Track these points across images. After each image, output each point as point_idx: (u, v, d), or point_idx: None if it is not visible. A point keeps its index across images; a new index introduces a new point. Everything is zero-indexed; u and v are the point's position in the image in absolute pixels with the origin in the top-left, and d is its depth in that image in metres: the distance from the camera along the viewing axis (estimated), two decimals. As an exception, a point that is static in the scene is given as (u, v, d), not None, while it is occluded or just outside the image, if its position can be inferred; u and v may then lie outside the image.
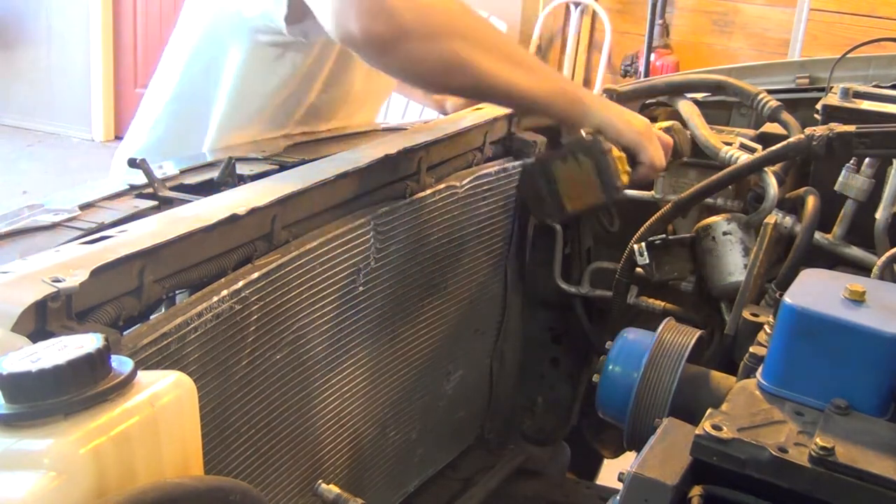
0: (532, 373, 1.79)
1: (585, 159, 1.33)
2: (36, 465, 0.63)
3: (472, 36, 1.24)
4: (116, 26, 5.98)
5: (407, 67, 1.25)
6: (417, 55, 1.20)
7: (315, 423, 1.27)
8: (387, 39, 1.18)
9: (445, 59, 1.22)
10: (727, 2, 4.88)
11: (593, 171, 1.34)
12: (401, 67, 1.26)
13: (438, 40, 1.21)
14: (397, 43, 1.18)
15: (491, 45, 1.25)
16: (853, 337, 0.89)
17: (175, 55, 1.60)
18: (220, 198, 1.12)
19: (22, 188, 5.16)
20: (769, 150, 1.48)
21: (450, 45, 1.21)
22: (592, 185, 1.35)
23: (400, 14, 1.17)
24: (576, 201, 1.39)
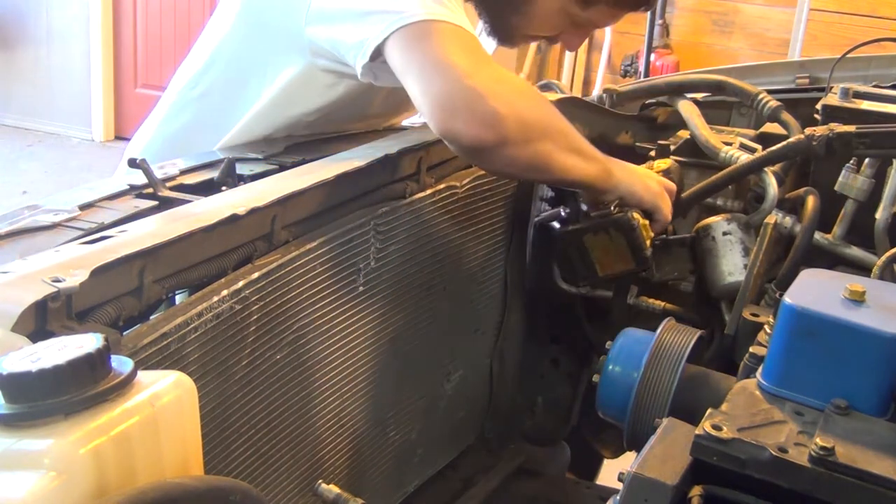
0: (532, 373, 1.79)
1: (617, 234, 1.42)
2: (36, 465, 0.63)
3: (555, 136, 1.32)
4: (116, 26, 5.98)
5: (500, 169, 1.36)
6: (512, 158, 1.27)
7: (315, 423, 1.27)
8: (489, 146, 1.24)
9: (533, 160, 1.30)
10: (727, 2, 4.88)
11: (624, 244, 1.43)
12: (494, 168, 1.36)
13: (531, 144, 1.28)
14: (498, 148, 1.25)
15: (566, 140, 1.34)
16: (853, 337, 0.89)
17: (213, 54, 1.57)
18: (220, 198, 1.12)
19: (22, 188, 5.16)
20: (769, 150, 1.48)
21: (539, 147, 1.29)
22: (624, 256, 1.44)
23: (505, 123, 1.23)
24: (608, 268, 1.47)
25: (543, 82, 1.78)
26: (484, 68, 1.26)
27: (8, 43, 6.13)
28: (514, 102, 1.25)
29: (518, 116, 1.25)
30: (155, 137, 1.62)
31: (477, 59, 1.27)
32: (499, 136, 1.23)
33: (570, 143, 1.35)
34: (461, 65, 1.23)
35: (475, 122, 1.22)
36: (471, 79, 1.22)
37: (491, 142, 1.23)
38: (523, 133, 1.26)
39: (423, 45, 1.26)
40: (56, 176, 5.46)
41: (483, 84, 1.23)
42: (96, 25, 5.90)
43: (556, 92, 1.72)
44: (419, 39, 1.27)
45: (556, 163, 1.32)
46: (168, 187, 1.21)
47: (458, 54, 1.25)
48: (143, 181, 1.19)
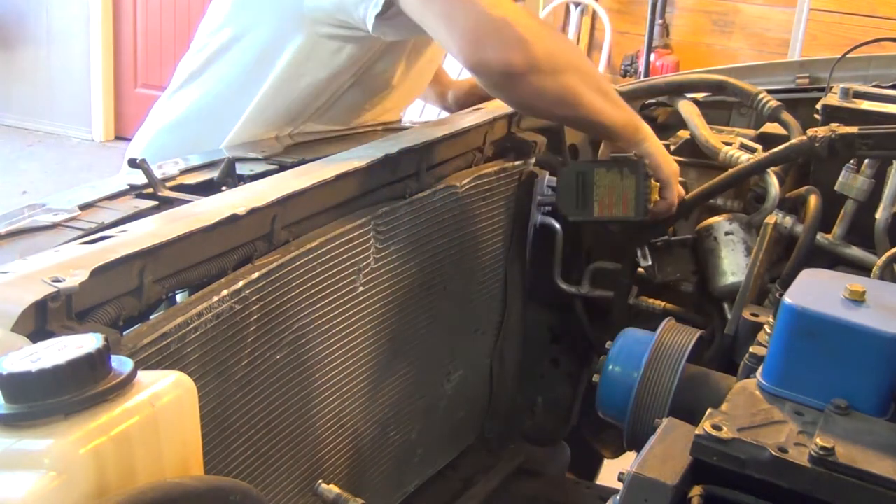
0: (532, 373, 1.79)
1: (630, 175, 1.43)
2: (36, 465, 0.63)
3: (582, 71, 1.35)
4: (116, 26, 5.97)
5: (529, 99, 1.34)
6: (541, 87, 1.30)
7: (315, 423, 1.27)
8: (520, 71, 1.26)
9: (562, 92, 1.32)
10: (727, 2, 4.88)
11: (632, 188, 1.44)
12: (523, 98, 1.35)
13: (561, 74, 1.31)
14: (527, 74, 1.27)
15: (593, 79, 1.36)
16: (853, 337, 0.89)
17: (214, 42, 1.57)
18: (220, 198, 1.12)
19: (22, 188, 5.16)
20: (772, 151, 1.48)
21: (567, 80, 1.32)
22: (627, 200, 1.45)
23: (534, 48, 1.26)
24: (605, 208, 1.47)
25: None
26: (507, 2, 1.29)
27: (8, 43, 6.12)
28: (539, 33, 1.29)
29: (545, 45, 1.29)
30: (161, 131, 1.62)
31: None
32: (528, 60, 1.26)
33: (599, 84, 1.37)
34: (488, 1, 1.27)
35: (504, 47, 1.25)
36: (496, 9, 1.26)
37: (521, 66, 1.26)
38: (551, 62, 1.29)
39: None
40: (56, 176, 5.46)
41: (509, 13, 1.27)
42: (96, 25, 5.90)
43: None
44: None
45: (584, 99, 1.34)
46: (168, 187, 1.21)
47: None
48: (143, 181, 1.19)
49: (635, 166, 1.43)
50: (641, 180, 1.43)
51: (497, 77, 1.29)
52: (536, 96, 1.32)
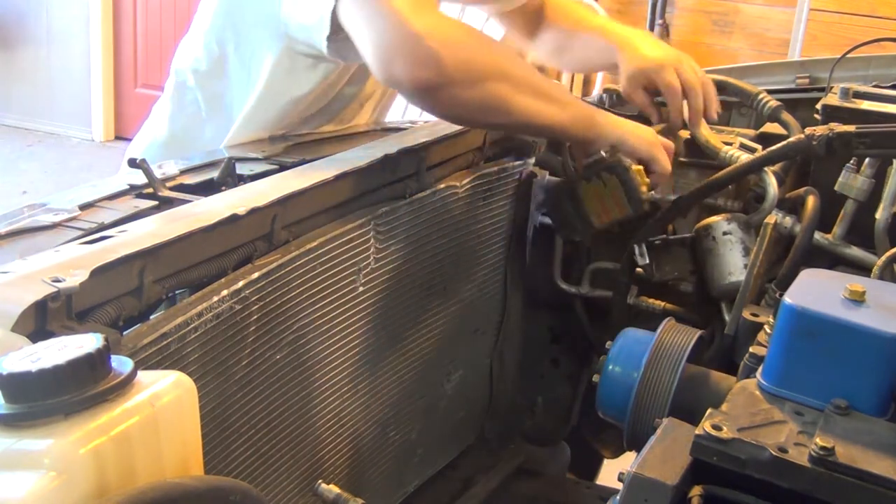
0: (532, 373, 1.79)
1: (610, 177, 1.41)
2: (36, 465, 0.63)
3: (509, 77, 1.30)
4: (116, 26, 5.97)
5: (449, 111, 1.31)
6: (460, 100, 1.26)
7: (315, 423, 1.27)
8: (431, 86, 1.23)
9: (485, 102, 1.28)
10: (727, 2, 4.87)
11: (618, 187, 1.41)
12: (443, 111, 1.32)
13: (479, 85, 1.26)
14: (441, 89, 1.24)
15: (524, 83, 1.32)
16: (853, 337, 0.89)
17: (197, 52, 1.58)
18: (220, 198, 1.12)
19: (22, 188, 5.16)
20: (769, 149, 1.48)
21: (489, 88, 1.27)
22: (619, 201, 1.43)
23: (445, 62, 1.22)
24: (602, 216, 1.46)
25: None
26: (425, 13, 1.24)
27: (8, 43, 6.12)
28: (454, 43, 1.24)
29: (460, 57, 1.24)
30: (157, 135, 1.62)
31: (419, 4, 1.25)
32: (438, 76, 1.22)
33: (534, 87, 1.33)
34: (401, 10, 1.23)
35: (412, 64, 1.21)
36: (409, 22, 1.22)
37: (430, 81, 1.22)
38: (467, 73, 1.25)
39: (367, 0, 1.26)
40: (56, 176, 5.46)
41: (421, 26, 1.22)
42: (96, 25, 5.90)
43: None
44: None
45: (515, 105, 1.30)
46: (168, 187, 1.21)
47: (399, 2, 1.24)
48: (143, 181, 1.20)
49: (612, 167, 1.41)
50: (623, 176, 1.41)
51: (409, 92, 1.26)
52: (458, 107, 1.28)
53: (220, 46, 1.54)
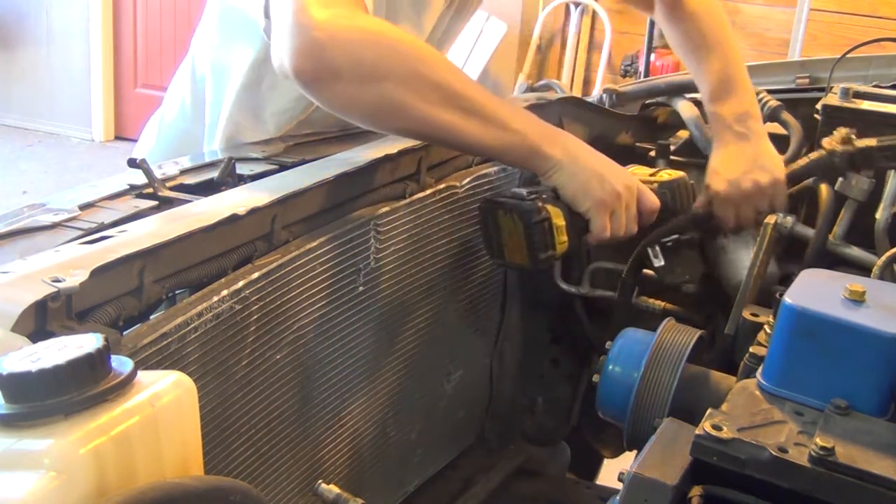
0: (532, 373, 1.79)
1: (519, 222, 1.29)
2: (36, 465, 0.63)
3: (413, 82, 1.19)
4: (116, 26, 5.98)
5: (340, 107, 1.21)
6: (349, 96, 1.17)
7: (315, 423, 1.27)
8: (316, 78, 1.15)
9: (378, 102, 1.18)
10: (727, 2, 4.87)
11: (522, 236, 1.30)
12: (333, 106, 1.21)
13: (371, 83, 1.17)
14: (327, 83, 1.16)
15: (436, 91, 1.19)
16: (853, 337, 0.89)
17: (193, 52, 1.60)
18: (220, 198, 1.12)
19: (22, 188, 5.16)
20: (790, 169, 1.49)
21: (383, 88, 1.17)
22: (521, 248, 1.31)
23: (329, 54, 1.14)
24: (511, 254, 1.34)
25: (543, 82, 1.78)
26: (333, 7, 1.16)
27: (8, 43, 6.13)
28: (347, 38, 1.15)
29: (348, 51, 1.15)
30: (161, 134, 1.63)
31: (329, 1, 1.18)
32: (324, 67, 1.14)
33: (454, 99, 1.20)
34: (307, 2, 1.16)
35: (296, 53, 1.14)
36: (307, 12, 1.15)
37: (316, 74, 1.15)
38: (356, 67, 1.15)
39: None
40: (56, 176, 5.46)
41: (319, 16, 1.14)
42: (96, 25, 5.90)
43: (557, 91, 1.72)
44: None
45: (416, 112, 1.18)
46: (168, 187, 1.21)
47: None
48: (143, 181, 1.20)
49: (523, 213, 1.28)
50: (529, 228, 1.28)
51: (298, 83, 1.17)
52: (347, 105, 1.19)
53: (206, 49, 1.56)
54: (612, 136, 1.77)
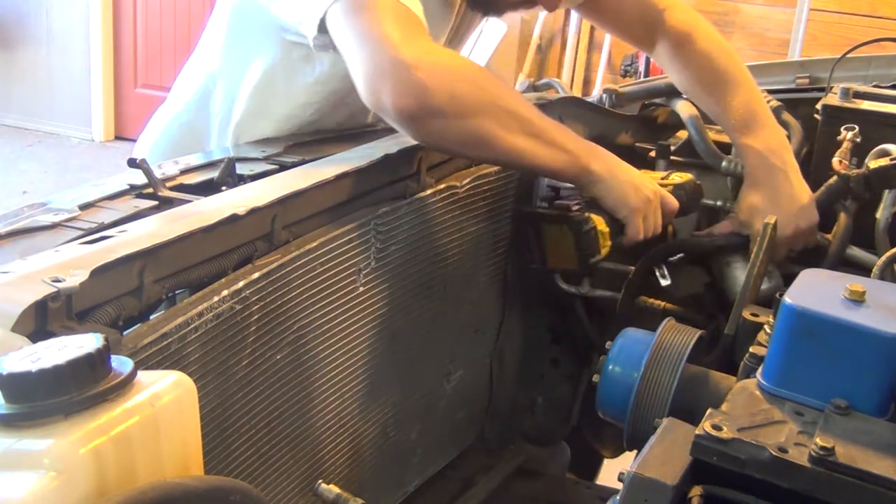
0: (532, 373, 1.79)
1: (569, 231, 1.40)
2: (36, 465, 0.63)
3: (497, 113, 1.28)
4: (116, 26, 5.98)
5: (434, 141, 1.30)
6: (444, 131, 1.26)
7: (315, 423, 1.27)
8: (416, 115, 1.23)
9: (470, 135, 1.27)
10: (727, 2, 4.88)
11: (572, 245, 1.41)
12: (428, 141, 1.31)
13: (465, 118, 1.26)
14: (426, 119, 1.24)
15: (513, 120, 1.30)
16: (853, 337, 0.89)
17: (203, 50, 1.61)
18: (220, 198, 1.12)
19: (22, 188, 5.16)
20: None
21: (475, 122, 1.26)
22: (570, 254, 1.42)
23: (431, 93, 1.22)
24: (555, 260, 1.46)
25: (544, 81, 1.78)
26: (416, 41, 1.25)
27: (8, 43, 6.12)
28: (443, 75, 1.24)
29: (447, 89, 1.23)
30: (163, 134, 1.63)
31: (411, 31, 1.26)
32: (423, 105, 1.22)
33: (527, 126, 1.31)
34: (392, 36, 1.23)
35: (399, 93, 1.21)
36: (399, 50, 1.22)
37: (416, 112, 1.22)
38: (454, 106, 1.24)
39: (357, 18, 1.26)
40: (56, 176, 5.46)
41: (412, 55, 1.22)
42: (96, 25, 5.90)
43: (557, 91, 1.72)
44: (355, 12, 1.27)
45: (502, 142, 1.29)
46: (168, 187, 1.21)
47: (391, 26, 1.24)
48: (143, 181, 1.19)
49: (572, 223, 1.40)
50: (579, 237, 1.40)
51: (394, 120, 1.26)
52: (443, 139, 1.28)
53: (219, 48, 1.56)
54: (612, 137, 1.77)
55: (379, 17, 1.25)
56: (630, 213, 1.40)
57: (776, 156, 1.51)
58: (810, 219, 1.49)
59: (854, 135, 1.50)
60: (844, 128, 1.53)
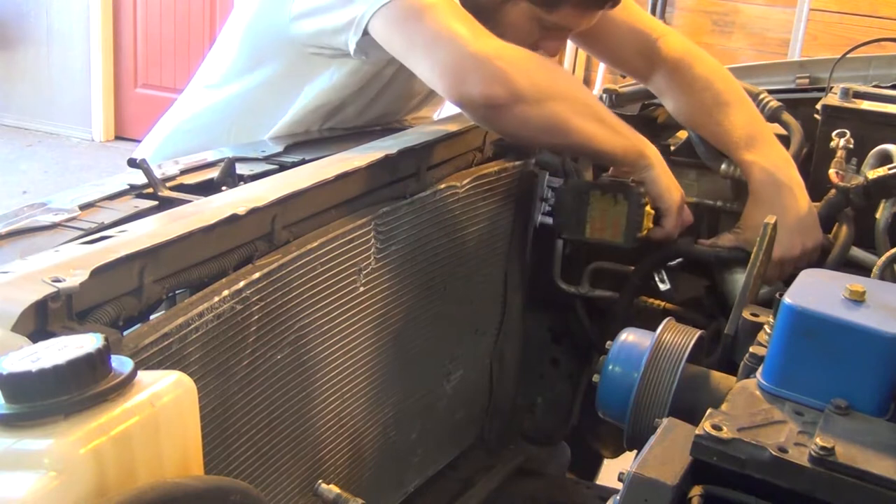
0: (532, 373, 1.79)
1: (623, 201, 1.44)
2: (36, 465, 0.63)
3: (572, 99, 1.36)
4: (116, 26, 5.97)
5: (516, 128, 1.35)
6: (527, 117, 1.31)
7: (315, 423, 1.27)
8: (503, 103, 1.29)
9: (549, 120, 1.33)
10: (727, 2, 4.87)
11: (623, 214, 1.44)
12: (510, 128, 1.36)
13: (546, 103, 1.32)
14: (511, 106, 1.29)
15: (585, 106, 1.37)
16: (853, 337, 0.89)
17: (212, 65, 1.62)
18: (220, 198, 1.12)
19: (22, 188, 5.16)
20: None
21: (553, 107, 1.33)
22: (617, 226, 1.46)
23: (515, 80, 1.28)
24: (596, 231, 1.48)
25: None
26: (485, 35, 1.31)
27: (8, 43, 6.12)
28: (521, 64, 1.31)
29: (528, 76, 1.30)
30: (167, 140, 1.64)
31: (475, 27, 1.32)
32: (510, 92, 1.28)
33: (593, 111, 1.38)
34: (463, 33, 1.29)
35: (486, 81, 1.27)
36: (475, 44, 1.28)
37: (503, 98, 1.28)
38: (536, 91, 1.31)
39: (420, 22, 1.31)
40: (56, 176, 5.46)
41: (489, 47, 1.29)
42: (96, 25, 5.90)
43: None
44: (416, 17, 1.31)
45: (573, 126, 1.35)
46: (168, 187, 1.21)
47: (458, 24, 1.30)
48: (143, 181, 1.19)
49: (629, 193, 1.44)
50: (633, 208, 1.44)
51: (481, 110, 1.31)
52: (521, 125, 1.33)
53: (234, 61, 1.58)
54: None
55: (442, 18, 1.30)
56: (672, 205, 1.46)
57: (782, 172, 1.51)
58: (816, 237, 1.50)
59: (846, 141, 1.49)
60: (836, 133, 1.52)
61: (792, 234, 1.46)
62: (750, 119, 1.58)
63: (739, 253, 1.51)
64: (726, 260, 1.52)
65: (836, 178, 1.47)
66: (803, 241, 1.48)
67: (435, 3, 1.32)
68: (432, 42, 1.30)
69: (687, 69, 1.63)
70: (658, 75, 1.66)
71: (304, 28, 1.44)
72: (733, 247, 1.52)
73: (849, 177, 1.49)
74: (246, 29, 1.55)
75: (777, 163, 1.52)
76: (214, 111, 1.59)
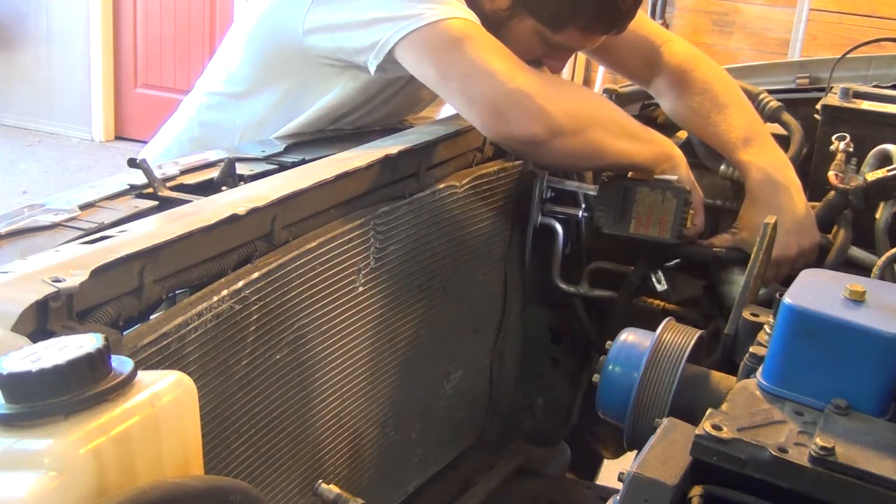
0: (532, 373, 1.79)
1: (671, 199, 1.47)
2: (36, 465, 0.63)
3: (605, 120, 1.40)
4: (116, 26, 5.97)
5: (556, 160, 1.42)
6: (566, 149, 1.36)
7: (315, 422, 1.27)
8: (543, 139, 1.32)
9: (586, 147, 1.38)
10: (727, 2, 4.87)
11: (672, 211, 1.47)
12: (550, 160, 1.45)
13: (582, 133, 1.37)
14: (551, 140, 1.33)
15: (617, 126, 1.41)
16: (853, 337, 0.89)
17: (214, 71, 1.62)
18: (220, 198, 1.12)
19: (22, 188, 5.16)
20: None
21: (590, 135, 1.37)
22: (664, 222, 1.48)
23: (554, 116, 1.32)
24: (642, 227, 1.50)
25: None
26: (522, 70, 1.33)
27: (8, 43, 6.12)
28: (557, 97, 1.34)
29: (565, 108, 1.33)
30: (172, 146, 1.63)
31: (512, 61, 1.34)
32: (550, 128, 1.31)
33: (623, 128, 1.42)
34: (501, 69, 1.31)
35: (526, 120, 1.30)
36: (513, 81, 1.31)
37: (543, 135, 1.31)
38: (573, 123, 1.34)
39: (456, 53, 1.32)
40: (56, 176, 5.46)
41: (527, 84, 1.31)
42: (96, 25, 5.90)
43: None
44: (450, 47, 1.32)
45: (610, 148, 1.40)
46: (168, 187, 1.21)
47: (495, 59, 1.32)
48: (143, 181, 1.19)
49: (678, 192, 1.46)
50: (681, 205, 1.47)
51: (522, 147, 1.36)
52: (561, 157, 1.38)
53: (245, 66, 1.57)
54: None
55: (480, 51, 1.32)
56: (699, 202, 1.51)
57: (779, 172, 1.52)
58: (812, 238, 1.50)
59: (846, 144, 1.50)
60: (836, 137, 1.52)
61: (788, 234, 1.46)
62: (747, 121, 1.59)
63: (737, 253, 1.51)
64: (724, 260, 1.52)
65: (835, 180, 1.47)
66: (800, 241, 1.48)
67: (471, 34, 1.33)
68: (470, 77, 1.32)
69: (689, 73, 1.64)
70: (660, 80, 1.68)
71: (319, 43, 1.43)
72: (730, 247, 1.52)
73: (848, 178, 1.49)
74: (254, 36, 1.54)
75: (774, 163, 1.52)
76: (223, 120, 1.58)
